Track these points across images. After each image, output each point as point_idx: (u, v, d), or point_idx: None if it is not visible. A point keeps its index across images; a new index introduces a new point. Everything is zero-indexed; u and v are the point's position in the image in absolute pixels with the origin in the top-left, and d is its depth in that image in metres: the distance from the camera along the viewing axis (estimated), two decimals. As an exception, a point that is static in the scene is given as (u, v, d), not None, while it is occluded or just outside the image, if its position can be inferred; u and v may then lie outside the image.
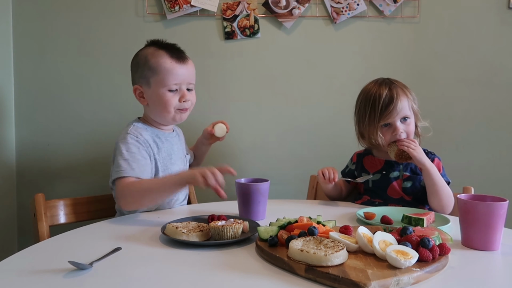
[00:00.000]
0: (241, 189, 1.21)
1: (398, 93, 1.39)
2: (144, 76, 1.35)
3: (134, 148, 1.29)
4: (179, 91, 1.36)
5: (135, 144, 1.30)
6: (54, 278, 0.78)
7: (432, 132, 1.47)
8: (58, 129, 1.93)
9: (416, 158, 1.32)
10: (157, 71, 1.33)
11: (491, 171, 1.95)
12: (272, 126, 1.98)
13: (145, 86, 1.36)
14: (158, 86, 1.33)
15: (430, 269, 0.78)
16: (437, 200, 1.32)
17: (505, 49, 1.92)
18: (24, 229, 1.95)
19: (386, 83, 1.43)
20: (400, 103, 1.38)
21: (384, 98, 1.38)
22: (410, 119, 1.41)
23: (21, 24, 1.89)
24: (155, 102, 1.36)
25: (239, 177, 1.27)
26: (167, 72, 1.33)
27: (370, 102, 1.41)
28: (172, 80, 1.33)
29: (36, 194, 1.29)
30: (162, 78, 1.33)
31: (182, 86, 1.36)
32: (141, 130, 1.36)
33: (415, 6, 1.91)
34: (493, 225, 0.93)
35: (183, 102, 1.36)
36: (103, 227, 1.16)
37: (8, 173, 1.90)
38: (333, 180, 1.42)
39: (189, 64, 1.39)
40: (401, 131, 1.39)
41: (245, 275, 0.80)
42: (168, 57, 1.34)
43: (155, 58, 1.34)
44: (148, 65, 1.34)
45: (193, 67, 1.42)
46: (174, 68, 1.33)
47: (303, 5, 1.89)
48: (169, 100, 1.34)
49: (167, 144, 1.40)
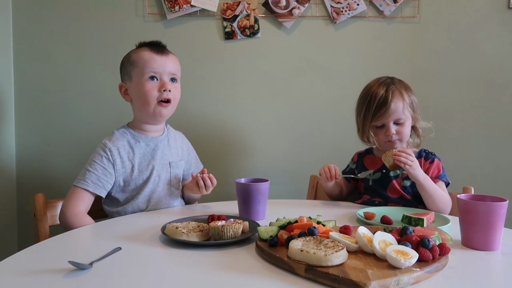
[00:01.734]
0: (241, 189, 1.21)
1: (394, 95, 1.39)
2: (127, 72, 1.38)
3: (98, 159, 1.33)
4: (159, 80, 1.36)
5: (100, 154, 1.33)
6: (54, 278, 0.78)
7: (434, 133, 1.47)
8: (58, 129, 1.93)
9: (411, 175, 1.32)
10: (137, 63, 1.36)
11: (491, 171, 1.95)
12: (272, 126, 1.98)
13: (128, 81, 1.38)
14: (138, 77, 1.35)
15: (430, 269, 0.78)
16: (434, 207, 1.32)
17: (505, 49, 1.92)
18: (24, 229, 1.95)
19: (386, 84, 1.43)
20: (394, 106, 1.38)
21: (378, 99, 1.39)
22: (405, 121, 1.41)
23: (21, 24, 1.89)
24: (136, 95, 1.37)
25: (239, 177, 1.27)
26: (145, 62, 1.35)
27: (366, 100, 1.43)
28: (151, 68, 1.34)
29: (36, 194, 1.30)
30: (141, 68, 1.35)
31: (163, 76, 1.36)
32: (117, 138, 1.37)
33: (415, 6, 1.91)
34: (493, 225, 0.93)
35: (163, 91, 1.35)
36: (103, 227, 1.16)
37: (8, 173, 1.90)
38: (335, 177, 1.41)
39: (170, 56, 1.40)
40: (393, 132, 1.39)
41: (245, 275, 0.80)
42: (148, 50, 1.37)
43: (136, 53, 1.38)
44: (130, 60, 1.38)
45: (177, 61, 1.42)
46: (152, 58, 1.35)
47: (303, 5, 1.89)
48: (148, 90, 1.34)
49: (147, 148, 1.39)
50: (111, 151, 1.33)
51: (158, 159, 1.40)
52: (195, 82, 1.93)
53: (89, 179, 1.29)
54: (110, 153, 1.33)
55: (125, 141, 1.37)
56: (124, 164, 1.35)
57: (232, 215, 1.15)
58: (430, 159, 1.42)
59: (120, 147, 1.35)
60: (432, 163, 1.42)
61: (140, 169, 1.36)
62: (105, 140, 1.36)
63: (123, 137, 1.38)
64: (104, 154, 1.33)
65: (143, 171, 1.37)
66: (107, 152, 1.33)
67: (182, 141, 1.54)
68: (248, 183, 1.22)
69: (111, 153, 1.33)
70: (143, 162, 1.37)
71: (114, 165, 1.33)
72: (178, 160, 1.47)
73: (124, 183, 1.35)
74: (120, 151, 1.35)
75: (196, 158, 1.58)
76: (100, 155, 1.33)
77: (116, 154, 1.34)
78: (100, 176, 1.31)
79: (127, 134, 1.40)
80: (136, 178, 1.35)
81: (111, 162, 1.33)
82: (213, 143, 1.95)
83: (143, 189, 1.35)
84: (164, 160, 1.41)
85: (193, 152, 1.58)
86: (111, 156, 1.33)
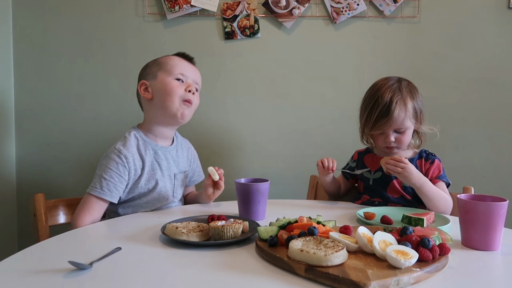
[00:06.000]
0: (241, 189, 1.21)
1: (398, 105, 1.35)
2: (151, 72, 1.40)
3: (113, 166, 1.28)
4: (185, 83, 1.38)
5: (116, 161, 1.28)
6: (54, 278, 0.78)
7: (438, 136, 1.46)
8: (58, 129, 1.93)
9: (405, 181, 1.32)
10: (165, 64, 1.39)
11: (491, 171, 1.95)
12: (272, 126, 1.98)
13: (151, 79, 1.39)
14: (165, 75, 1.37)
15: (430, 269, 0.78)
16: (435, 210, 1.32)
17: (505, 49, 1.92)
18: (24, 229, 1.95)
19: (392, 90, 1.38)
20: (396, 116, 1.35)
21: (382, 107, 1.36)
22: (406, 130, 1.40)
23: (21, 24, 1.89)
24: (160, 91, 1.36)
25: (239, 177, 1.27)
26: (175, 64, 1.39)
27: (370, 104, 1.41)
28: (179, 70, 1.38)
29: (36, 194, 1.30)
30: (169, 68, 1.37)
31: (188, 80, 1.39)
32: (130, 144, 1.33)
33: (415, 6, 1.91)
34: (493, 225, 0.93)
35: (188, 91, 1.37)
36: (103, 227, 1.16)
37: (8, 173, 1.90)
38: (332, 169, 1.42)
39: (196, 68, 1.45)
40: (392, 140, 1.39)
41: (245, 275, 0.80)
42: (178, 57, 1.43)
43: (165, 57, 1.42)
44: (157, 62, 1.41)
45: (200, 75, 1.46)
46: (182, 63, 1.41)
47: (303, 5, 1.89)
48: (174, 87, 1.35)
49: (156, 157, 1.37)
50: (127, 158, 1.29)
51: (165, 170, 1.38)
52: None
53: (105, 187, 1.26)
54: (126, 160, 1.29)
55: (135, 149, 1.34)
56: (136, 172, 1.33)
57: (232, 215, 1.15)
58: (430, 160, 1.42)
59: (134, 154, 1.33)
60: (432, 163, 1.41)
61: (147, 178, 1.34)
62: (119, 145, 1.32)
63: (134, 143, 1.35)
64: (120, 161, 1.28)
65: (150, 181, 1.34)
66: (123, 160, 1.29)
67: (188, 150, 1.53)
68: (248, 183, 1.22)
69: (127, 160, 1.29)
70: (150, 172, 1.35)
71: (129, 172, 1.30)
72: (183, 171, 1.46)
73: (129, 190, 1.33)
74: (135, 158, 1.32)
75: (199, 167, 1.58)
76: (116, 162, 1.28)
77: (131, 161, 1.30)
78: (117, 183, 1.28)
79: (138, 139, 1.37)
80: (142, 187, 1.33)
81: (127, 169, 1.30)
82: (213, 143, 1.96)
83: (146, 196, 1.34)
84: (170, 172, 1.40)
85: (198, 161, 1.58)
86: (127, 164, 1.29)
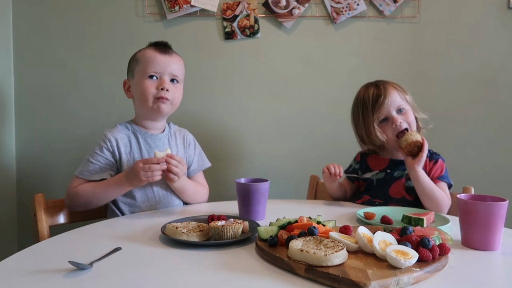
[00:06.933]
0: (241, 189, 1.21)
1: (386, 88, 1.42)
2: (130, 69, 1.42)
3: (98, 149, 1.35)
4: (158, 79, 1.37)
5: (100, 144, 1.36)
6: (54, 278, 0.78)
7: (432, 124, 1.48)
8: (58, 129, 1.93)
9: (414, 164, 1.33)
10: (140, 61, 1.39)
11: (491, 171, 1.95)
12: (272, 126, 1.98)
13: (131, 78, 1.42)
14: (140, 75, 1.38)
15: (430, 269, 0.78)
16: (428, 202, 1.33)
17: (505, 49, 1.92)
18: (24, 229, 1.95)
19: (373, 84, 1.47)
20: (390, 95, 1.40)
21: (372, 95, 1.42)
22: (407, 109, 1.42)
23: (21, 24, 1.89)
24: (136, 92, 1.39)
25: (239, 177, 1.27)
26: (147, 60, 1.37)
27: (361, 103, 1.45)
28: (152, 68, 1.36)
29: (36, 194, 1.30)
30: (143, 66, 1.37)
31: (164, 76, 1.37)
32: (117, 130, 1.40)
33: (415, 6, 1.91)
34: (493, 225, 0.93)
35: (160, 90, 1.35)
36: (103, 227, 1.16)
37: (8, 173, 1.90)
38: (339, 175, 1.39)
39: (173, 57, 1.41)
40: (400, 121, 1.40)
41: (245, 275, 0.80)
42: (152, 49, 1.40)
43: (141, 52, 1.42)
44: (135, 58, 1.41)
45: (180, 61, 1.43)
46: (155, 57, 1.38)
47: (303, 5, 1.89)
48: (146, 88, 1.35)
49: (145, 144, 1.40)
50: (110, 141, 1.36)
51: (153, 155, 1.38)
52: (195, 82, 1.93)
53: (92, 169, 1.33)
54: (109, 143, 1.36)
55: (125, 135, 1.40)
56: (121, 157, 1.36)
57: (232, 215, 1.15)
58: (434, 159, 1.42)
59: (119, 139, 1.37)
60: (436, 163, 1.41)
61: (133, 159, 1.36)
62: (106, 131, 1.39)
63: (124, 131, 1.41)
64: (104, 145, 1.35)
65: None
66: (107, 143, 1.35)
67: (184, 137, 1.52)
68: (248, 183, 1.22)
69: (110, 143, 1.36)
70: (137, 155, 1.38)
71: (113, 154, 1.36)
72: None
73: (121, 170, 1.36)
74: (119, 142, 1.37)
75: (200, 155, 1.54)
76: (100, 145, 1.35)
77: (115, 144, 1.36)
78: (103, 165, 1.34)
79: (128, 128, 1.42)
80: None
81: (110, 151, 1.35)
82: (213, 143, 1.95)
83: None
84: None
85: (198, 149, 1.55)
86: (110, 146, 1.36)
